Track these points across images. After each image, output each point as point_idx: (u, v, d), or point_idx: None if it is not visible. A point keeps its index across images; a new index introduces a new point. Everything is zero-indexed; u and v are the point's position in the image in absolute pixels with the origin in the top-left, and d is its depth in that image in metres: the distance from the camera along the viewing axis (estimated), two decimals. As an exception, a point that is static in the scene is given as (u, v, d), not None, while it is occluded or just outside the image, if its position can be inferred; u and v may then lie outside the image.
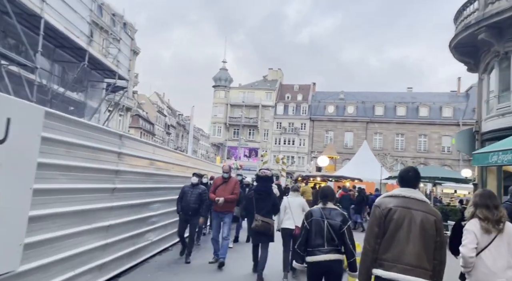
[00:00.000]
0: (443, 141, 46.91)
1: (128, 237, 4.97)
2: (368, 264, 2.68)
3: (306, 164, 47.20)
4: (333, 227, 3.49)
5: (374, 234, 2.67)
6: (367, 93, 53.48)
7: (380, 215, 2.67)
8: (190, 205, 6.25)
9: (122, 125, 35.34)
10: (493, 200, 2.92)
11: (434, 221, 2.63)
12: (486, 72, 10.47)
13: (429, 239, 2.59)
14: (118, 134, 4.54)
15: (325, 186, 4.11)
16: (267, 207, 5.76)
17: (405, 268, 2.53)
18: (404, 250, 2.56)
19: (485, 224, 2.82)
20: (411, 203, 2.66)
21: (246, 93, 55.77)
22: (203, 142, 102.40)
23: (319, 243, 3.47)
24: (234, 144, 51.55)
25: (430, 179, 13.63)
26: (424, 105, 48.27)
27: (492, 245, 2.78)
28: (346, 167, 22.25)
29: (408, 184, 2.77)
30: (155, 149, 5.83)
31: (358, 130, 50.05)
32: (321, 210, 3.62)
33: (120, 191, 4.63)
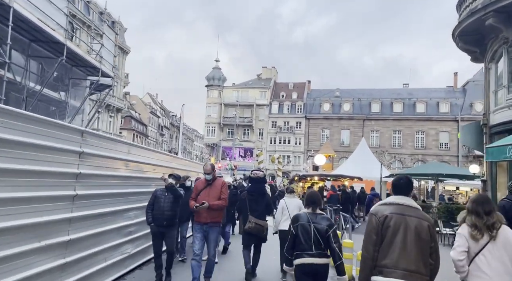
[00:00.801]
0: (441, 137, 46.49)
1: (96, 253, 4.19)
2: (368, 271, 2.72)
3: (302, 163, 46.54)
4: (319, 231, 3.57)
5: (372, 242, 2.73)
6: (363, 90, 52.95)
7: (377, 223, 2.73)
8: (164, 213, 5.06)
9: (112, 127, 34.42)
10: (485, 206, 2.89)
11: (428, 226, 2.70)
12: (494, 61, 9.81)
13: (425, 244, 2.66)
14: (79, 131, 3.75)
15: (312, 192, 4.16)
16: (260, 208, 5.80)
17: (404, 274, 2.58)
18: (402, 256, 2.63)
19: (471, 231, 2.82)
20: (405, 210, 2.74)
21: (240, 92, 55.00)
22: (197, 143, 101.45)
23: (306, 247, 3.55)
24: (229, 144, 50.75)
25: (433, 176, 12.96)
26: (421, 101, 47.82)
27: (486, 250, 2.78)
28: (344, 166, 21.56)
29: (401, 191, 2.86)
30: (130, 148, 5.01)
31: (354, 127, 49.47)
32: (307, 215, 3.69)
33: (83, 199, 3.84)
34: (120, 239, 4.86)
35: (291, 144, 51.10)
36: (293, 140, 51.25)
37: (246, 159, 52.65)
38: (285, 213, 5.73)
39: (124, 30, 36.91)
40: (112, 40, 13.97)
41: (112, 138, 4.63)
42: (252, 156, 50.56)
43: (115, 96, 33.95)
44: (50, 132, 3.38)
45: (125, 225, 4.99)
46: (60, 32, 10.40)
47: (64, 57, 10.49)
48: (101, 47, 12.81)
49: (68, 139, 3.59)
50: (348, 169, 18.89)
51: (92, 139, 3.92)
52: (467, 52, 11.10)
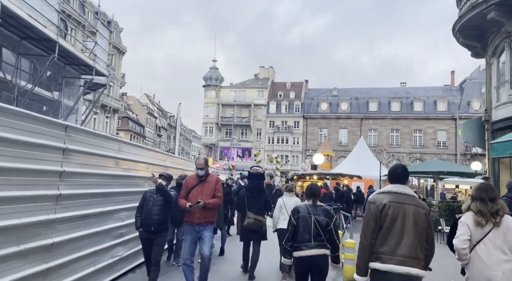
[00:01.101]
0: (439, 136, 46.39)
1: (84, 256, 3.92)
2: (366, 258, 2.77)
3: (300, 162, 46.34)
4: (320, 223, 3.60)
5: (371, 229, 2.76)
6: (360, 89, 52.81)
7: (376, 211, 2.78)
8: (152, 217, 4.52)
9: (109, 127, 34.09)
10: (489, 193, 2.91)
11: (424, 214, 2.77)
12: (495, 56, 9.61)
13: (421, 231, 2.72)
14: (63, 125, 3.48)
15: (312, 184, 4.14)
16: (259, 205, 5.77)
17: (401, 260, 2.63)
18: (400, 243, 2.67)
19: (477, 218, 2.83)
20: (402, 198, 2.79)
21: (238, 92, 54.75)
22: (195, 143, 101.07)
23: (306, 239, 3.55)
24: (227, 145, 50.47)
25: (434, 174, 12.76)
26: (418, 100, 47.73)
27: (487, 238, 2.78)
28: (343, 165, 21.35)
29: (398, 180, 2.90)
30: (121, 145, 4.75)
31: (352, 127, 49.32)
32: (308, 207, 3.72)
33: (67, 199, 3.57)
34: (110, 242, 4.59)
35: (289, 143, 50.90)
36: (291, 140, 51.05)
37: (244, 159, 52.38)
38: (283, 211, 5.67)
39: (120, 30, 36.61)
40: (106, 38, 13.69)
41: (100, 134, 4.34)
42: (250, 156, 50.32)
43: (111, 97, 33.64)
44: (30, 127, 3.12)
45: (115, 227, 4.71)
46: (52, 29, 10.12)
47: (56, 54, 10.20)
48: (94, 45, 12.53)
49: (50, 134, 3.32)
50: (347, 168, 18.68)
51: (77, 135, 3.63)
52: (467, 47, 10.90)
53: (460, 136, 11.20)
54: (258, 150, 41.88)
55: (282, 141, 51.27)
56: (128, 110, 59.96)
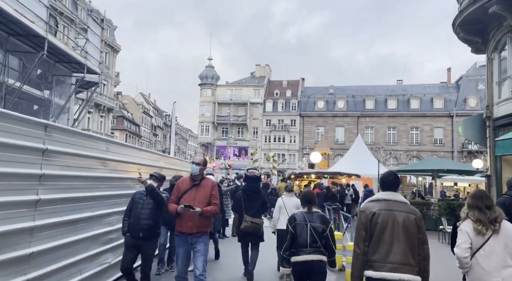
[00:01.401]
0: (435, 133, 46.39)
1: (68, 265, 3.63)
2: (360, 267, 2.80)
3: (297, 161, 46.14)
4: (316, 230, 3.65)
5: (362, 238, 2.81)
6: (357, 87, 52.69)
7: (366, 220, 2.82)
8: (140, 222, 4.12)
9: (104, 127, 33.66)
10: (485, 201, 2.91)
11: (415, 219, 2.79)
12: (497, 51, 9.40)
13: (412, 237, 2.74)
14: (42, 124, 3.18)
15: (307, 191, 4.18)
16: (256, 207, 5.81)
17: (393, 267, 2.67)
18: (391, 250, 2.71)
19: (476, 226, 2.83)
20: (393, 205, 2.82)
21: (234, 91, 54.44)
22: (191, 142, 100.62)
23: (302, 245, 3.62)
24: (223, 144, 50.17)
25: (434, 172, 12.56)
26: (415, 97, 47.68)
27: (487, 245, 2.78)
28: (341, 163, 21.13)
29: (389, 187, 2.93)
30: (109, 145, 4.43)
31: (349, 124, 49.21)
32: (303, 214, 3.78)
33: (48, 204, 3.27)
34: (98, 248, 4.28)
35: (286, 142, 50.71)
36: (288, 138, 50.87)
37: (241, 158, 52.11)
38: (282, 212, 5.70)
39: (114, 28, 36.15)
40: (98, 35, 13.34)
41: (84, 134, 4.03)
42: (246, 155, 50.05)
43: (105, 95, 33.21)
44: (5, 126, 2.83)
45: (104, 232, 4.42)
46: (40, 25, 9.78)
47: (45, 51, 9.87)
48: (86, 42, 12.18)
49: (28, 134, 3.02)
50: (345, 166, 18.46)
51: (58, 135, 3.32)
52: (467, 43, 10.69)
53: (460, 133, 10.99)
54: (254, 149, 41.63)
55: (278, 139, 51.07)
56: (123, 109, 59.45)
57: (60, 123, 12.00)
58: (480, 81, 46.64)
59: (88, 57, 12.25)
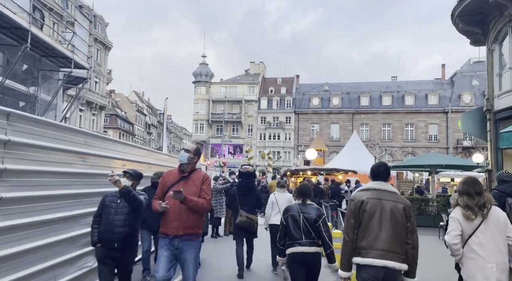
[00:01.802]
0: (430, 130, 46.40)
1: (40, 271, 3.25)
2: (349, 254, 2.86)
3: (292, 158, 45.90)
4: (309, 220, 3.65)
5: (351, 226, 2.86)
6: (351, 83, 52.52)
7: (355, 208, 2.88)
8: (114, 230, 3.44)
9: (96, 125, 33.09)
10: (476, 187, 2.94)
11: (403, 208, 2.82)
12: (497, 42, 9.13)
13: (400, 225, 2.77)
14: (4, 112, 2.78)
15: (303, 184, 4.22)
16: (250, 203, 5.86)
17: (379, 254, 2.72)
18: (377, 237, 2.75)
19: (465, 212, 2.85)
20: (382, 194, 2.88)
21: (228, 88, 54.02)
22: (186, 141, 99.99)
23: (297, 237, 3.64)
24: (218, 142, 49.72)
25: (432, 167, 12.30)
26: (410, 94, 47.63)
27: (478, 231, 2.80)
28: (337, 159, 20.88)
29: (379, 177, 2.99)
30: (88, 138, 4.02)
31: (344, 121, 49.05)
32: (298, 206, 3.81)
33: (11, 204, 2.85)
34: (76, 251, 3.92)
35: (281, 139, 50.44)
36: (283, 136, 50.60)
37: (236, 156, 51.76)
38: (275, 207, 5.71)
39: (105, 25, 35.51)
40: (86, 29, 12.87)
41: (56, 124, 3.61)
42: (241, 152, 49.70)
43: (98, 93, 32.63)
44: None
45: (83, 234, 4.05)
46: (23, 17, 9.33)
47: (29, 44, 9.42)
48: (72, 35, 11.72)
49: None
50: (341, 162, 18.20)
51: (24, 124, 2.90)
52: (466, 34, 10.42)
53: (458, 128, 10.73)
54: (249, 146, 41.25)
55: (273, 137, 50.78)
56: (117, 108, 58.74)
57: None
58: (474, 77, 46.74)
59: (75, 51, 11.79)
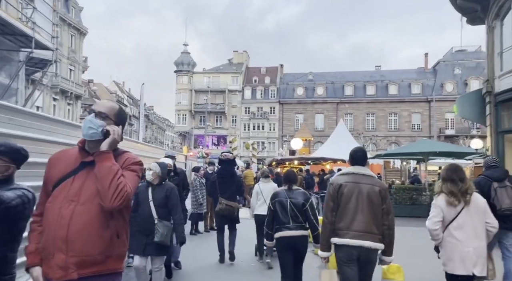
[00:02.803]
0: (413, 119, 46.58)
1: None
2: (327, 235, 3.04)
3: (277, 149, 45.29)
4: (296, 205, 3.80)
5: (330, 208, 3.04)
6: (336, 73, 52.06)
7: (333, 191, 3.05)
8: None
9: (72, 115, 31.41)
10: (459, 173, 3.05)
11: (379, 191, 3.01)
12: (499, 18, 8.51)
13: (376, 207, 2.96)
14: None
15: (289, 171, 4.36)
16: (230, 190, 5.87)
17: (355, 234, 2.90)
18: (354, 219, 2.94)
19: (448, 198, 2.94)
20: (359, 178, 3.05)
21: (211, 78, 52.68)
22: (169, 132, 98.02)
23: (284, 221, 3.79)
24: (201, 132, 48.54)
25: (424, 155, 11.75)
26: (393, 83, 47.57)
27: (459, 217, 2.91)
28: (323, 149, 20.24)
29: (358, 162, 3.17)
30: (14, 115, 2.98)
31: (328, 111, 48.69)
32: (285, 191, 3.96)
33: None
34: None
35: (265, 130, 49.71)
36: (267, 126, 49.87)
37: (220, 146, 50.74)
38: (259, 197, 5.69)
39: (79, 9, 33.54)
40: (49, 4, 11.58)
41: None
42: (225, 143, 48.73)
43: (72, 81, 30.88)
44: None
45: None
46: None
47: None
48: (33, 11, 10.45)
49: None
50: (327, 151, 17.56)
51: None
52: (463, 12, 9.77)
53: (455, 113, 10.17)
54: (233, 137, 40.32)
55: (258, 127, 50.01)
56: (95, 98, 56.54)
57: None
58: (456, 66, 46.98)
59: (37, 29, 10.54)
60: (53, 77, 21.99)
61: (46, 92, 27.51)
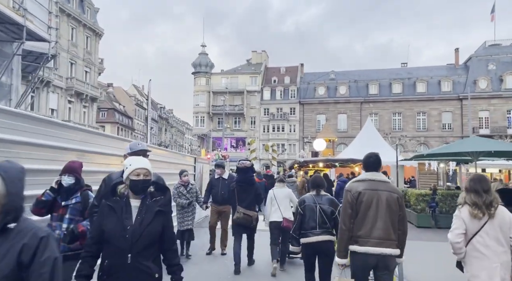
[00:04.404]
0: (444, 118, 43.77)
1: None
2: (345, 242, 3.05)
3: (298, 151, 43.58)
4: (325, 211, 3.87)
5: (348, 215, 3.04)
6: (359, 71, 49.88)
7: (352, 199, 3.05)
8: None
9: (87, 118, 30.87)
10: (483, 184, 2.91)
11: (397, 198, 3.05)
12: None
13: (394, 214, 3.00)
14: None
15: (316, 176, 4.44)
16: (249, 198, 5.71)
17: (376, 242, 2.92)
18: (374, 226, 2.95)
19: (472, 210, 2.83)
20: (376, 185, 3.06)
21: (229, 79, 51.60)
22: (188, 135, 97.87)
23: (312, 226, 3.83)
24: (220, 135, 47.45)
25: (473, 155, 9.89)
26: (421, 81, 44.91)
27: (483, 230, 2.79)
28: (350, 149, 18.47)
29: (372, 168, 3.16)
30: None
31: (351, 111, 46.52)
32: (313, 197, 3.99)
33: None
34: None
35: (285, 131, 48.07)
36: (287, 128, 48.21)
37: (239, 149, 49.53)
38: (273, 203, 5.61)
39: (95, 10, 33.12)
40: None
41: None
42: (244, 145, 47.45)
43: (88, 83, 30.36)
44: None
45: None
46: None
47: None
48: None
49: None
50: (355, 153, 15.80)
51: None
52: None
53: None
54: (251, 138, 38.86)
55: (277, 129, 48.44)
56: (115, 101, 56.62)
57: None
58: (490, 61, 43.83)
59: (30, 18, 9.46)
60: (51, 73, 21.11)
61: (60, 95, 27.02)
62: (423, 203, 9.88)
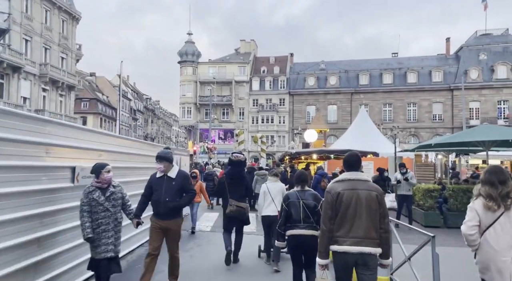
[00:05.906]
0: (434, 109, 43.21)
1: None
2: (326, 243, 3.06)
3: (287, 143, 42.50)
4: (308, 206, 3.99)
5: (328, 216, 3.05)
6: (349, 61, 48.87)
7: (332, 200, 3.06)
8: None
9: (64, 107, 29.00)
10: (499, 175, 2.83)
11: (376, 195, 3.04)
12: None
13: (374, 212, 2.99)
14: None
15: (300, 172, 4.50)
16: (240, 191, 5.82)
17: (355, 241, 2.93)
18: (353, 225, 2.96)
19: (487, 202, 2.75)
20: (356, 184, 3.07)
21: (217, 68, 49.96)
22: (176, 127, 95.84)
23: (296, 220, 3.97)
24: (207, 126, 46.01)
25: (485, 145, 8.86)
26: (412, 71, 44.15)
27: (497, 223, 2.71)
28: (344, 140, 17.38)
29: (352, 167, 3.20)
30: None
31: (342, 102, 45.59)
32: (296, 193, 4.13)
33: None
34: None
35: (275, 123, 46.92)
36: (277, 119, 47.07)
37: (227, 141, 48.23)
38: (267, 198, 5.61)
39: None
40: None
41: None
42: (233, 137, 46.12)
43: (64, 70, 28.43)
44: None
45: None
46: None
47: None
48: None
49: None
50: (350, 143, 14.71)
51: None
52: None
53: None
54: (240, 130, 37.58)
55: (267, 120, 47.26)
56: (98, 92, 54.38)
57: None
58: (481, 51, 43.23)
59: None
60: (5, 51, 19.27)
61: (34, 82, 25.15)
62: (431, 200, 8.82)
